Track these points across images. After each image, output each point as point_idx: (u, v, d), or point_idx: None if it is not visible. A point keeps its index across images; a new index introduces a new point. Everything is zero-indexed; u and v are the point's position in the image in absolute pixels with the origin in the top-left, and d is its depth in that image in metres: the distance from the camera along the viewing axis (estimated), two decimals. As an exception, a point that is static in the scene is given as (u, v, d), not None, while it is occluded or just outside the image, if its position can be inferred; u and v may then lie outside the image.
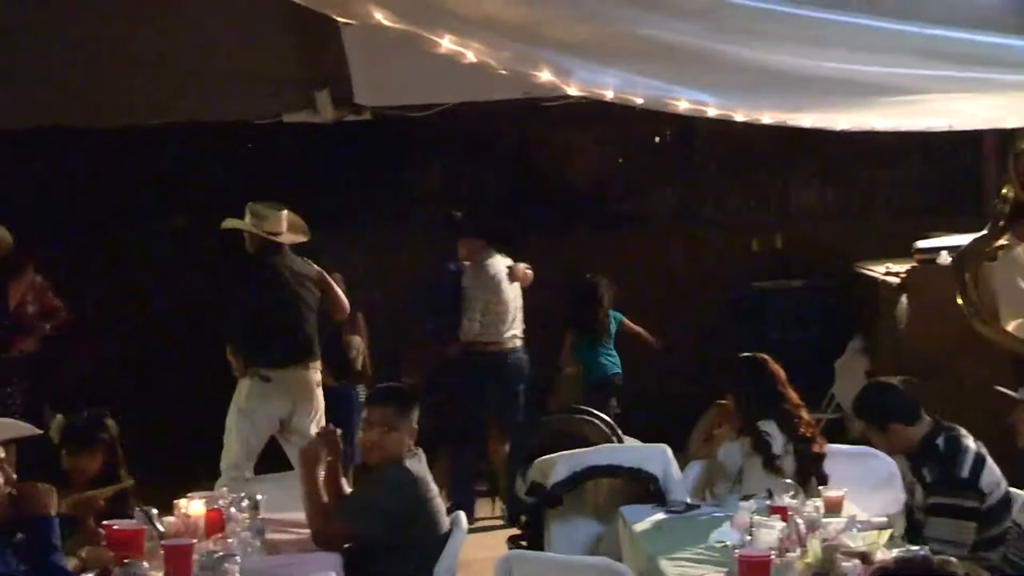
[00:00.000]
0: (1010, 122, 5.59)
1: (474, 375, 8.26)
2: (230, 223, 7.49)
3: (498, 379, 8.31)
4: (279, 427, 7.38)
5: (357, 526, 4.81)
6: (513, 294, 8.40)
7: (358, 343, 8.36)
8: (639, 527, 5.16)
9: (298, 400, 7.36)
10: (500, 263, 8.38)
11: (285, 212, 7.46)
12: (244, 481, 6.53)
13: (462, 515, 5.09)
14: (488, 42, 4.21)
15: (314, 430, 6.81)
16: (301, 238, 7.56)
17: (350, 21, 4.64)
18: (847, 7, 3.86)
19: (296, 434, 7.22)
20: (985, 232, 7.65)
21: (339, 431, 5.17)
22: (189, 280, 9.82)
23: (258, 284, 7.43)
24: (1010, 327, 7.38)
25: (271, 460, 7.39)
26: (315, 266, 7.58)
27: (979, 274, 7.56)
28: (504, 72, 4.59)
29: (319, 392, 7.46)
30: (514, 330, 8.40)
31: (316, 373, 7.47)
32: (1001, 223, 7.55)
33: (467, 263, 8.38)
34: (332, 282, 7.61)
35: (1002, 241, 7.57)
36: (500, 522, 7.95)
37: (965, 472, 4.81)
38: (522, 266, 8.45)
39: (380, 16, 4.00)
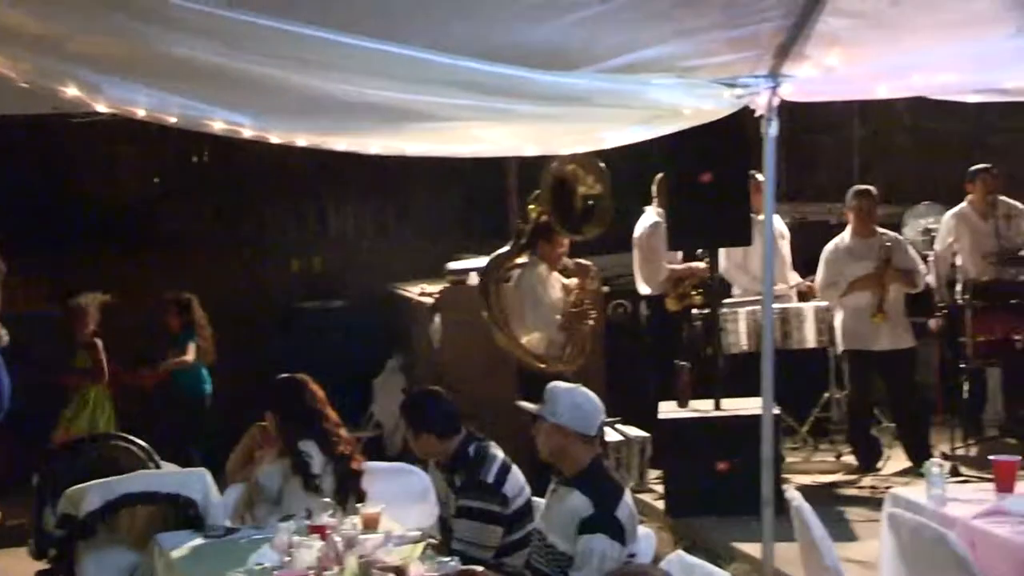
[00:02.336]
0: (528, 150, 5.95)
1: None
2: None
3: None
4: None
5: None
6: None
7: None
8: (176, 554, 5.05)
9: None
10: None
11: None
12: None
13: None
14: (7, 54, 4.01)
15: None
16: None
17: None
18: (378, 35, 3.99)
19: None
20: (507, 249, 8.09)
21: None
22: None
23: None
24: (523, 341, 7.84)
25: None
26: None
27: (501, 290, 7.99)
28: (27, 86, 4.38)
29: None
30: None
31: None
32: (523, 241, 8.01)
33: None
34: None
35: (522, 259, 8.03)
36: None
37: (491, 477, 5.02)
38: None
39: None
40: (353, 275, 10.87)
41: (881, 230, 8.85)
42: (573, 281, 7.97)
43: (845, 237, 8.83)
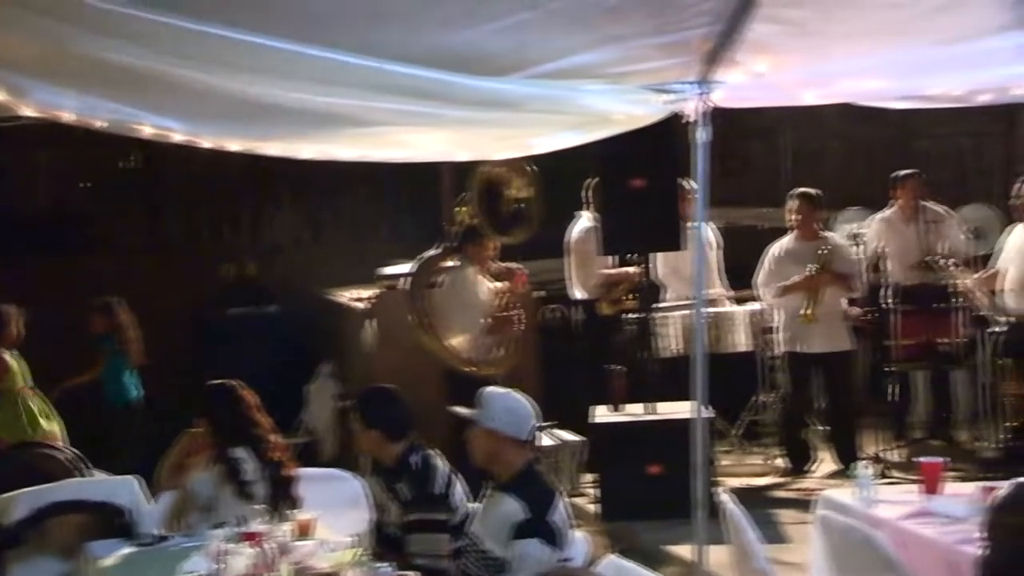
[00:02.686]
0: (459, 155, 5.96)
1: None
2: None
3: None
4: None
5: None
6: None
7: None
8: (106, 563, 5.00)
9: None
10: None
11: None
12: None
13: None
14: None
15: None
16: None
17: None
18: (309, 40, 3.98)
19: None
20: (435, 252, 8.07)
21: None
22: None
23: None
24: (452, 343, 7.83)
25: None
26: None
27: (429, 292, 7.97)
28: (-49, 90, 4.32)
29: None
30: None
31: None
32: (451, 244, 8.00)
33: None
34: None
35: (451, 262, 8.01)
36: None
37: (440, 489, 5.02)
38: None
39: None
40: (285, 280, 10.81)
41: (827, 234, 8.95)
42: (501, 284, 7.96)
43: (788, 239, 8.92)
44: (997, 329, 8.41)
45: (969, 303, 8.44)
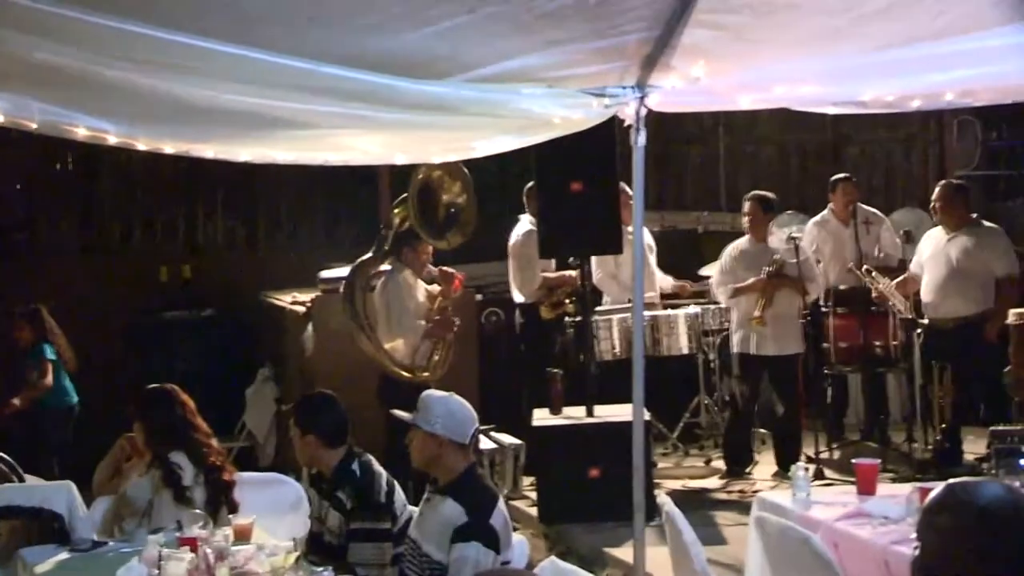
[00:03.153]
0: (398, 158, 5.93)
1: None
2: None
3: None
4: None
5: None
6: None
7: None
8: (41, 569, 4.96)
9: None
10: None
11: None
12: None
13: None
14: None
15: None
16: None
17: None
18: (247, 42, 3.96)
19: None
20: (370, 255, 8.05)
21: None
22: None
23: None
24: (386, 346, 7.82)
25: None
26: None
27: (366, 296, 7.95)
28: None
29: None
30: None
31: None
32: (385, 247, 7.98)
33: None
34: None
35: (386, 265, 7.99)
36: None
37: (382, 497, 4.98)
38: None
39: None
40: (224, 283, 10.74)
41: (770, 237, 8.99)
42: (437, 288, 7.95)
43: (743, 241, 8.97)
44: (916, 332, 8.53)
45: (890, 308, 8.52)
